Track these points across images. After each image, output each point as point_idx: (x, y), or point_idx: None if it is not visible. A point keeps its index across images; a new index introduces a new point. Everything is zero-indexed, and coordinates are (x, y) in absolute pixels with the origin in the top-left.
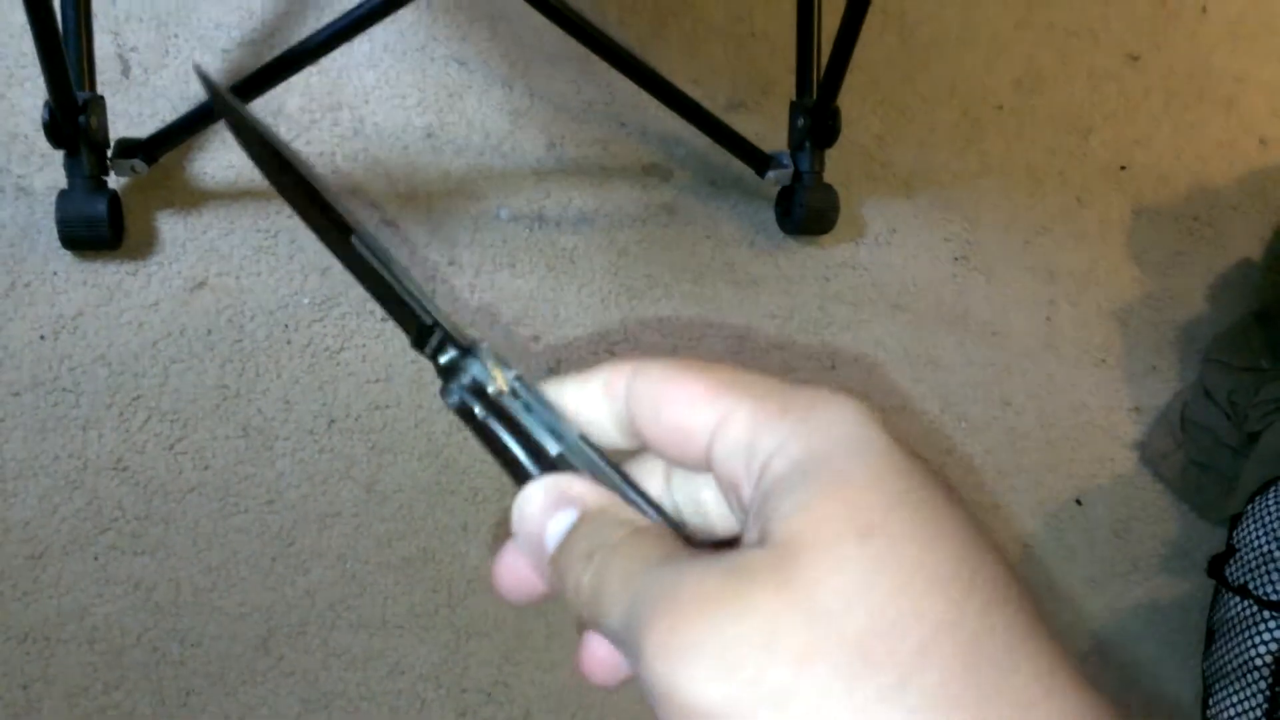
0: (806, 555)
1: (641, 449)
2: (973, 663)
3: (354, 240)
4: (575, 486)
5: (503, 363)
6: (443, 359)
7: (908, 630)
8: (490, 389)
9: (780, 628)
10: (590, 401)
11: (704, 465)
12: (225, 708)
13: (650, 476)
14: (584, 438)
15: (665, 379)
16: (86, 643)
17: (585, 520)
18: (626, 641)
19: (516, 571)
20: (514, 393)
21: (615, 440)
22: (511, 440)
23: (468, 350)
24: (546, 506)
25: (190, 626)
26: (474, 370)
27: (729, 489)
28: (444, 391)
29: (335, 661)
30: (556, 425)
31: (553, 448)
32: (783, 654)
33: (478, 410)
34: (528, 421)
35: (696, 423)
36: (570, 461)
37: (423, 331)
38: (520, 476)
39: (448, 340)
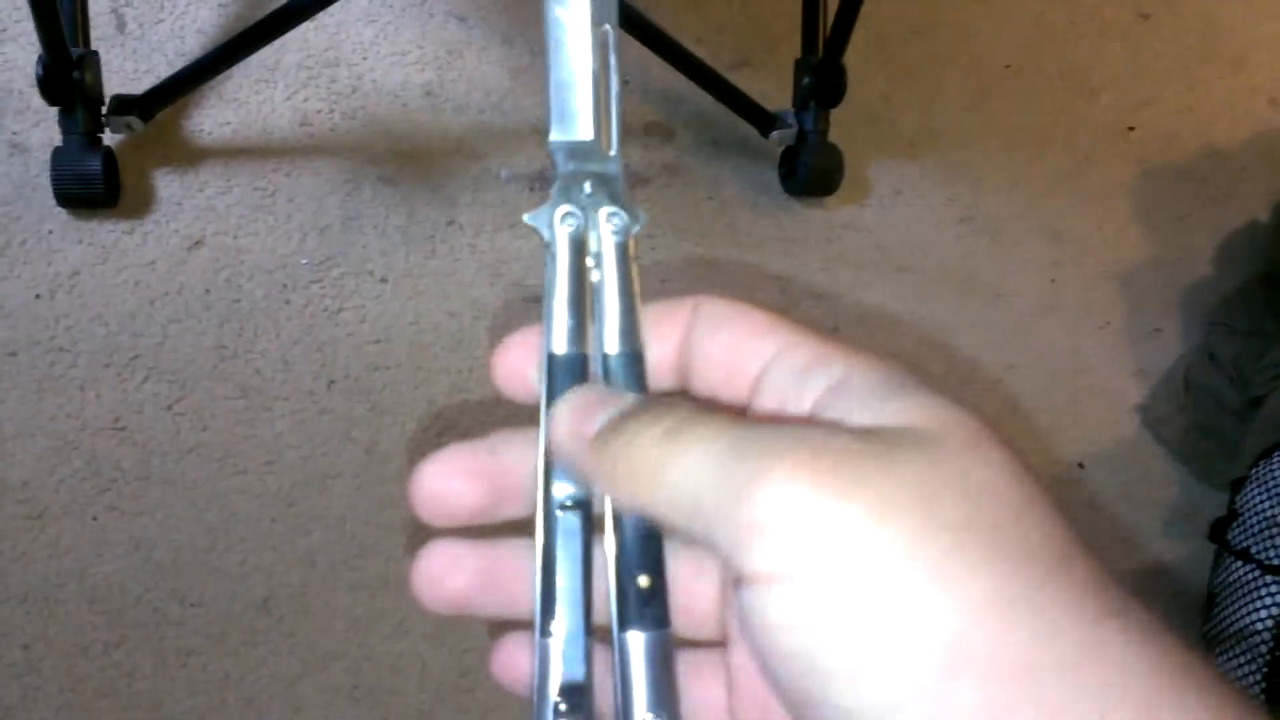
0: (950, 445)
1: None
2: (1097, 578)
3: (606, 30)
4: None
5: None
6: (586, 187)
7: (1049, 539)
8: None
9: (938, 498)
10: (657, 326)
11: (740, 399)
12: (226, 668)
13: None
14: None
15: (734, 307)
16: (86, 603)
17: (642, 401)
18: (721, 484)
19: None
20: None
21: (664, 375)
22: (568, 303)
23: (620, 208)
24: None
25: (190, 587)
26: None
27: (765, 414)
28: (556, 216)
29: (336, 622)
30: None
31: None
32: (943, 521)
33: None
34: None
35: (755, 347)
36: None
37: (584, 151)
38: (549, 334)
39: (611, 188)
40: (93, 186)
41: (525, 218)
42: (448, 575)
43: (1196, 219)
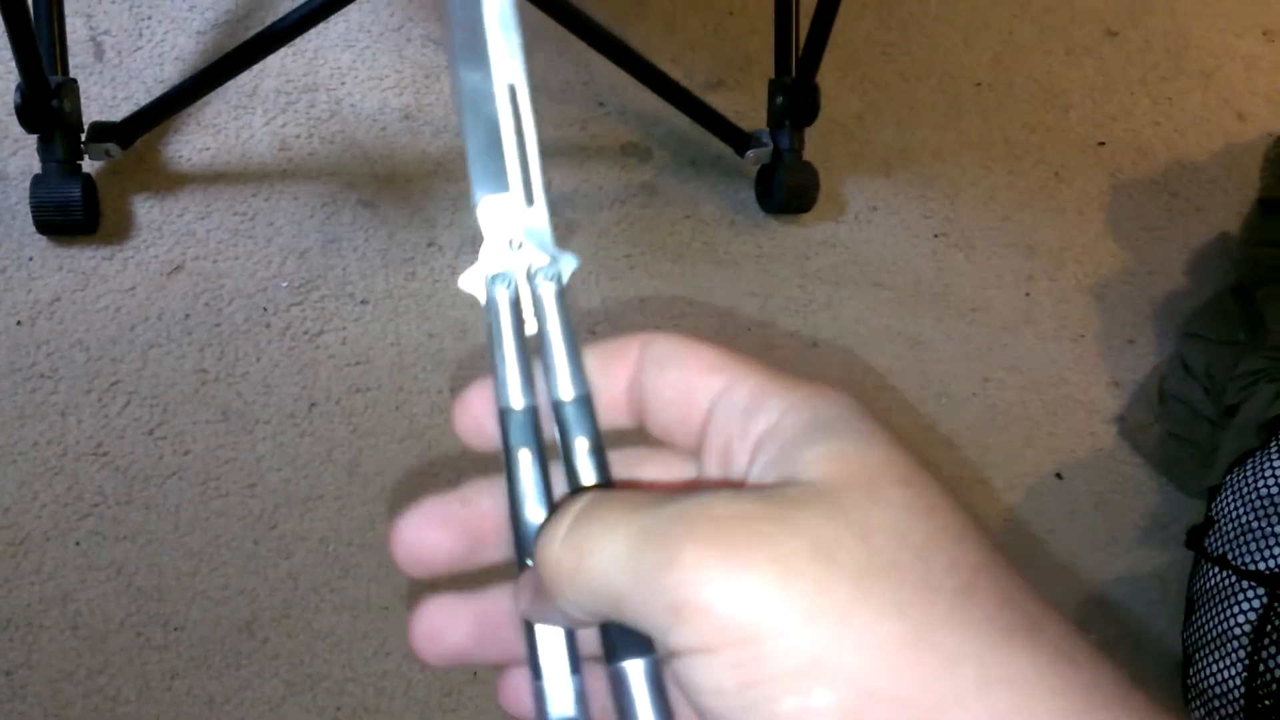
0: (850, 493)
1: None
2: (1004, 599)
3: (512, 87)
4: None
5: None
6: (513, 240)
7: (953, 567)
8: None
9: (836, 547)
10: (606, 365)
11: (693, 435)
12: (210, 691)
13: None
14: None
15: (681, 345)
16: (70, 628)
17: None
18: (635, 572)
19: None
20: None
21: (619, 413)
22: (515, 357)
23: (551, 259)
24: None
25: (173, 611)
26: (539, 280)
27: (716, 452)
28: (489, 276)
29: (320, 644)
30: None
31: (570, 391)
32: (842, 570)
33: (504, 310)
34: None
35: (702, 385)
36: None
37: (508, 206)
38: (499, 389)
39: (538, 240)
40: (72, 213)
41: (460, 284)
42: (445, 631)
43: (1168, 231)
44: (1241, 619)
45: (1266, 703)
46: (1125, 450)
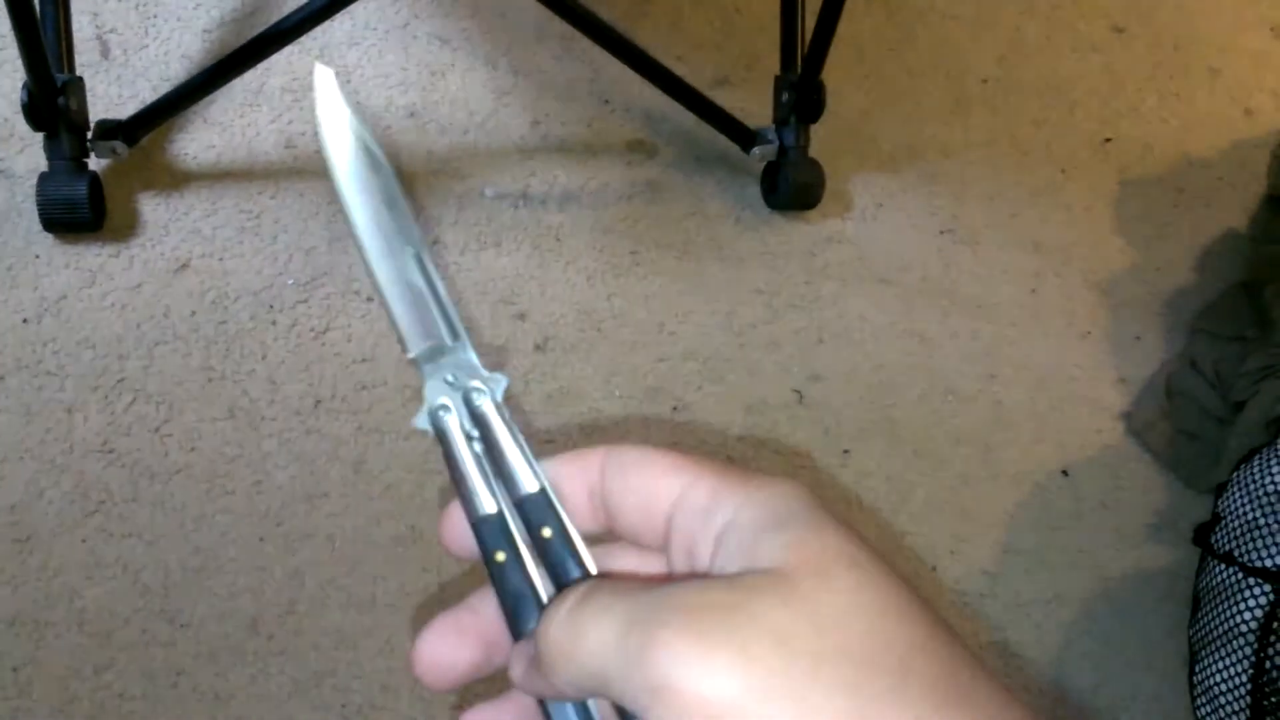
0: (804, 579)
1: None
2: (940, 673)
3: (417, 253)
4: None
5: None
6: (448, 377)
7: (893, 646)
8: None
9: (792, 634)
10: (570, 474)
11: (659, 534)
12: (216, 688)
13: None
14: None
15: (641, 453)
16: (76, 625)
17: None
18: (621, 654)
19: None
20: (487, 437)
21: (584, 518)
22: (475, 473)
23: (484, 381)
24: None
25: (180, 608)
26: (476, 401)
27: (680, 548)
28: (434, 411)
29: (326, 641)
30: (527, 468)
31: (532, 485)
32: (797, 654)
33: (458, 436)
34: (502, 459)
35: (663, 490)
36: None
37: (437, 351)
38: (467, 504)
39: (468, 370)
40: (78, 211)
41: (413, 424)
42: None
43: (1175, 228)
44: (1248, 615)
45: (1272, 699)
46: (1132, 447)
